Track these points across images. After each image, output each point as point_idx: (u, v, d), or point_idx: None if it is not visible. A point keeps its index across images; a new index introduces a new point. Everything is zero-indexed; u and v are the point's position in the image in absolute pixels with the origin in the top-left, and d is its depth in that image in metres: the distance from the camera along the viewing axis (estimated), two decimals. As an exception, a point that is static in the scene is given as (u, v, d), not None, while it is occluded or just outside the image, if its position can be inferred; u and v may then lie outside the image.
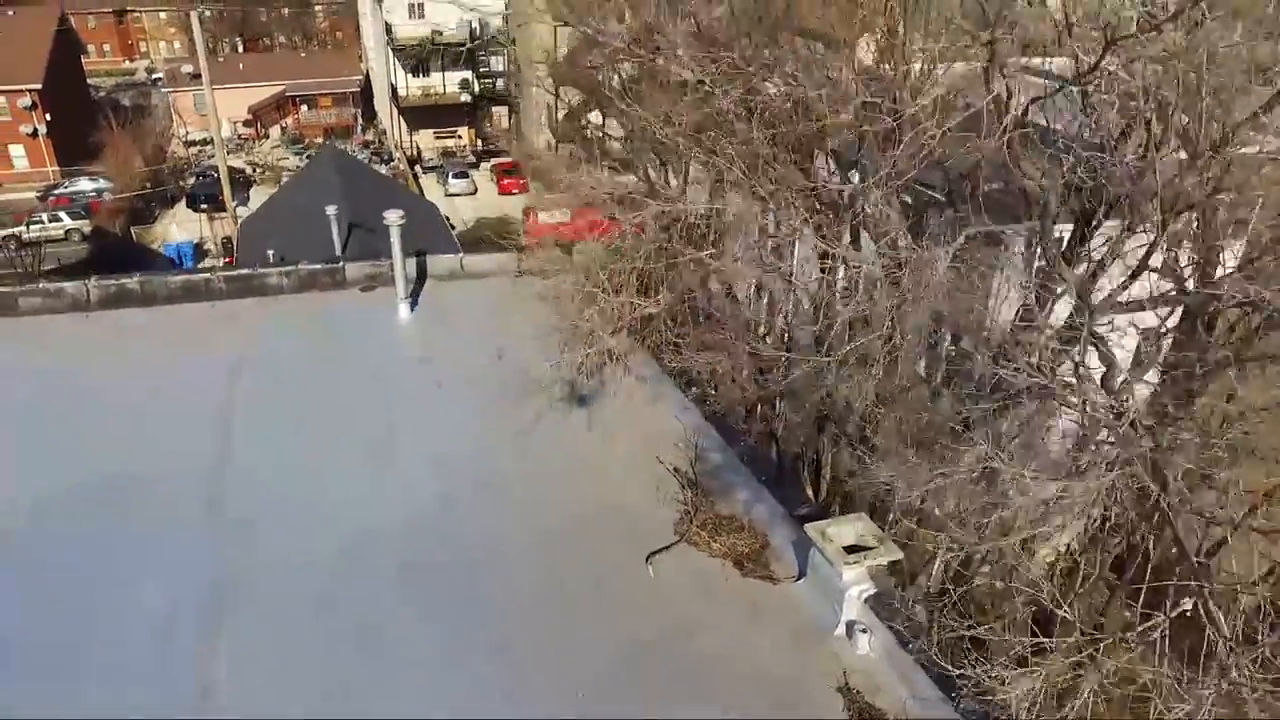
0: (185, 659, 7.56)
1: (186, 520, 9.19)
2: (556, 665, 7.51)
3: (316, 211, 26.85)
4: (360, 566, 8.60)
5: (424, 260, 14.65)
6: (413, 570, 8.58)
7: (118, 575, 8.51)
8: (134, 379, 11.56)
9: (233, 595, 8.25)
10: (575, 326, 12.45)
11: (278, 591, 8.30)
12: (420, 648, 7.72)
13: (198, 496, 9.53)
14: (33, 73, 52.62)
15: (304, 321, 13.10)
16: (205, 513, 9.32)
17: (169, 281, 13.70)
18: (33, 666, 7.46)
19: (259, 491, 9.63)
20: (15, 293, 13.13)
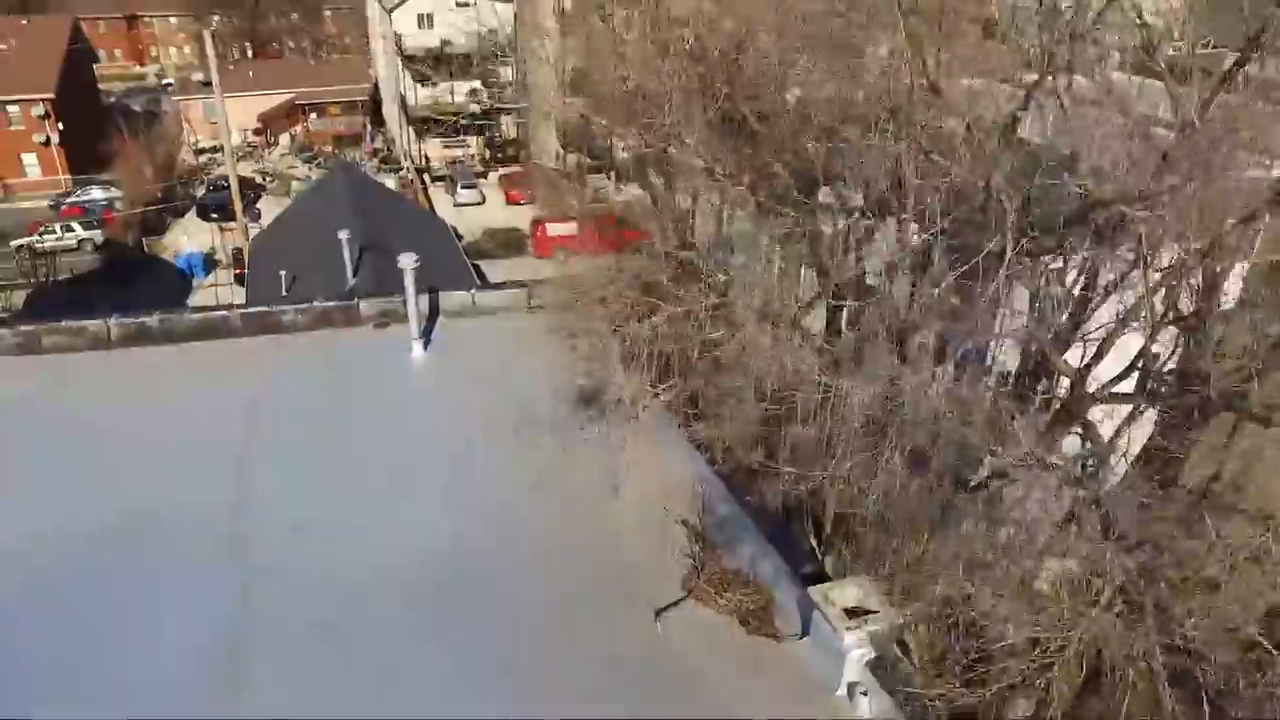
0: (204, 693, 7.88)
1: (206, 557, 9.53)
2: (564, 713, 7.78)
3: (327, 230, 27.18)
4: (374, 605, 8.95)
5: (436, 297, 14.91)
6: (425, 611, 8.91)
7: (138, 611, 8.85)
8: (154, 417, 11.86)
9: (250, 632, 8.58)
10: (588, 372, 12.79)
11: (295, 628, 8.63)
12: (431, 686, 8.03)
13: (217, 534, 9.86)
14: (46, 82, 53.08)
15: (319, 359, 13.40)
16: (224, 550, 9.65)
17: (187, 319, 14.02)
18: (53, 700, 7.77)
19: (276, 529, 9.95)
20: (39, 330, 13.43)
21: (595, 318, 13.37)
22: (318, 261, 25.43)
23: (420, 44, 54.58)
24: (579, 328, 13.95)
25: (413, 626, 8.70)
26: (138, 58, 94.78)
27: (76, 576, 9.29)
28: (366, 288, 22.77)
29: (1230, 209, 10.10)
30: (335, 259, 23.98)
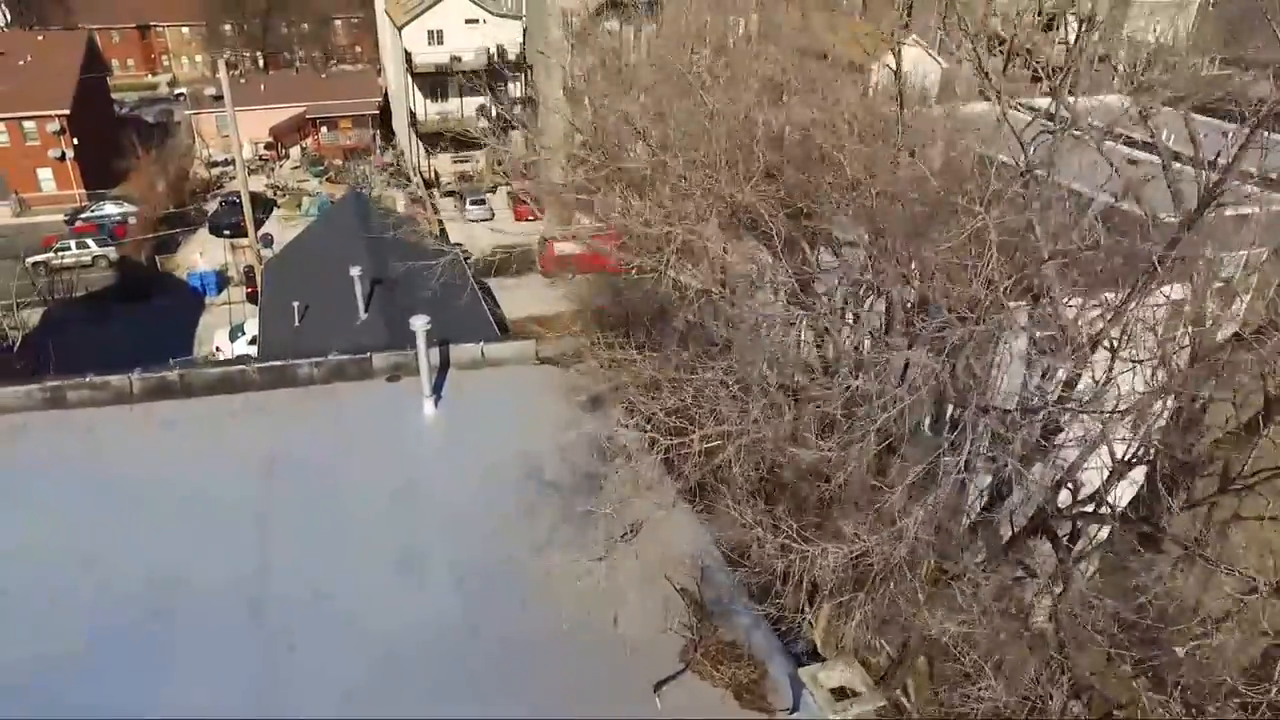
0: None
1: (230, 624, 10.03)
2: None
3: (339, 260, 27.78)
4: (390, 674, 9.43)
5: (447, 350, 15.40)
6: (436, 679, 9.39)
7: (165, 677, 9.35)
8: (176, 475, 12.37)
9: (276, 701, 9.08)
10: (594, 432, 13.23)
11: (320, 698, 9.13)
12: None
13: (240, 600, 10.35)
14: (61, 98, 53.81)
15: (334, 417, 13.88)
16: (248, 617, 10.13)
17: (206, 374, 14.52)
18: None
19: (297, 595, 10.43)
20: (65, 386, 13.95)
21: (601, 378, 13.85)
22: (330, 293, 25.99)
23: (430, 60, 55.11)
24: (585, 386, 14.45)
25: (426, 698, 9.18)
26: (150, 67, 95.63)
27: (103, 641, 9.79)
28: (377, 322, 23.37)
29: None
30: (347, 292, 24.59)
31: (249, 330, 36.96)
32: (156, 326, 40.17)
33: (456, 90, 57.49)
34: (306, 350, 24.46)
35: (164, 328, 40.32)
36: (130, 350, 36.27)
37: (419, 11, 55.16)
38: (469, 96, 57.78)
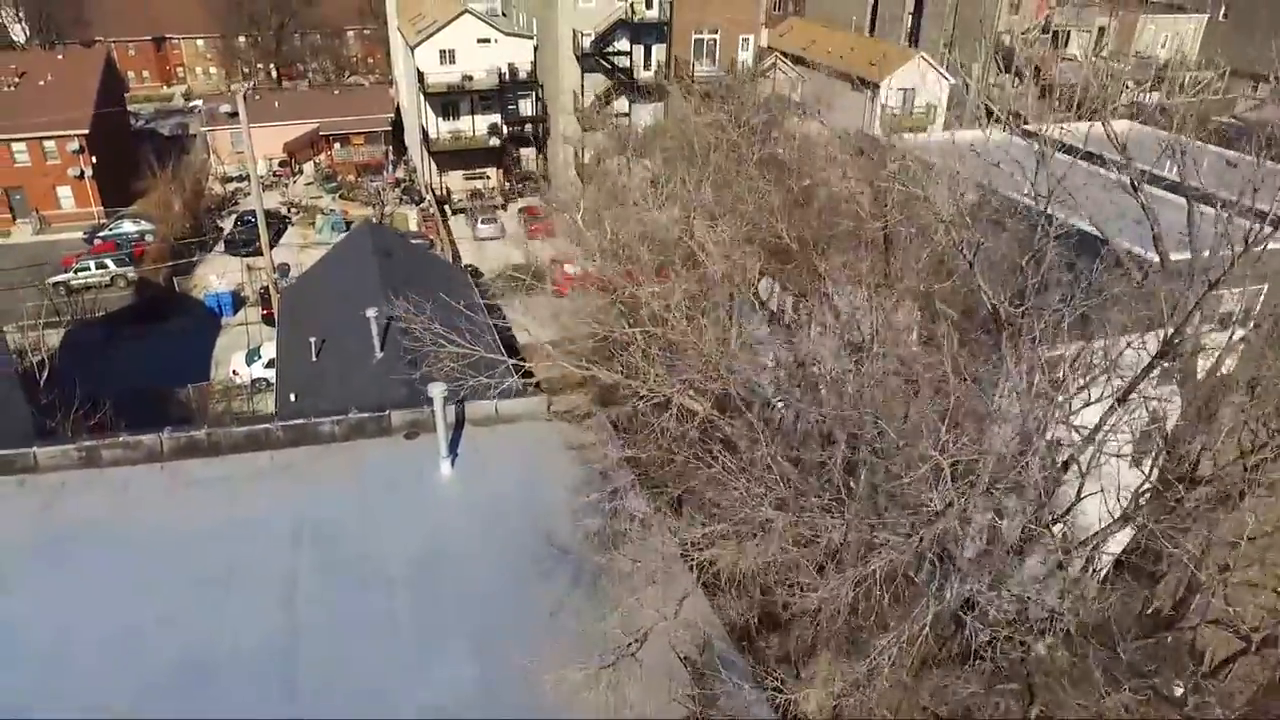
0: None
1: (260, 702, 10.63)
2: None
3: (355, 294, 28.44)
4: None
5: (463, 408, 16.02)
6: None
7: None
8: (208, 541, 13.00)
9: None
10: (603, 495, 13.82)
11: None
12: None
13: (269, 676, 10.95)
14: (81, 118, 54.73)
15: (356, 478, 14.49)
16: (278, 694, 10.74)
17: (233, 432, 15.16)
18: None
19: (322, 670, 11.04)
20: (99, 445, 14.63)
21: (611, 441, 14.45)
22: (345, 328, 26.63)
23: (442, 80, 55.81)
24: (595, 446, 15.06)
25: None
26: (165, 78, 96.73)
27: (136, 714, 10.39)
28: (392, 359, 24.00)
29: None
30: (363, 328, 25.22)
31: (265, 354, 37.72)
32: (174, 348, 40.96)
33: (469, 108, 58.20)
34: (323, 386, 25.21)
35: (181, 349, 41.11)
36: (149, 374, 37.13)
37: (431, 32, 55.87)
38: (481, 114, 58.55)
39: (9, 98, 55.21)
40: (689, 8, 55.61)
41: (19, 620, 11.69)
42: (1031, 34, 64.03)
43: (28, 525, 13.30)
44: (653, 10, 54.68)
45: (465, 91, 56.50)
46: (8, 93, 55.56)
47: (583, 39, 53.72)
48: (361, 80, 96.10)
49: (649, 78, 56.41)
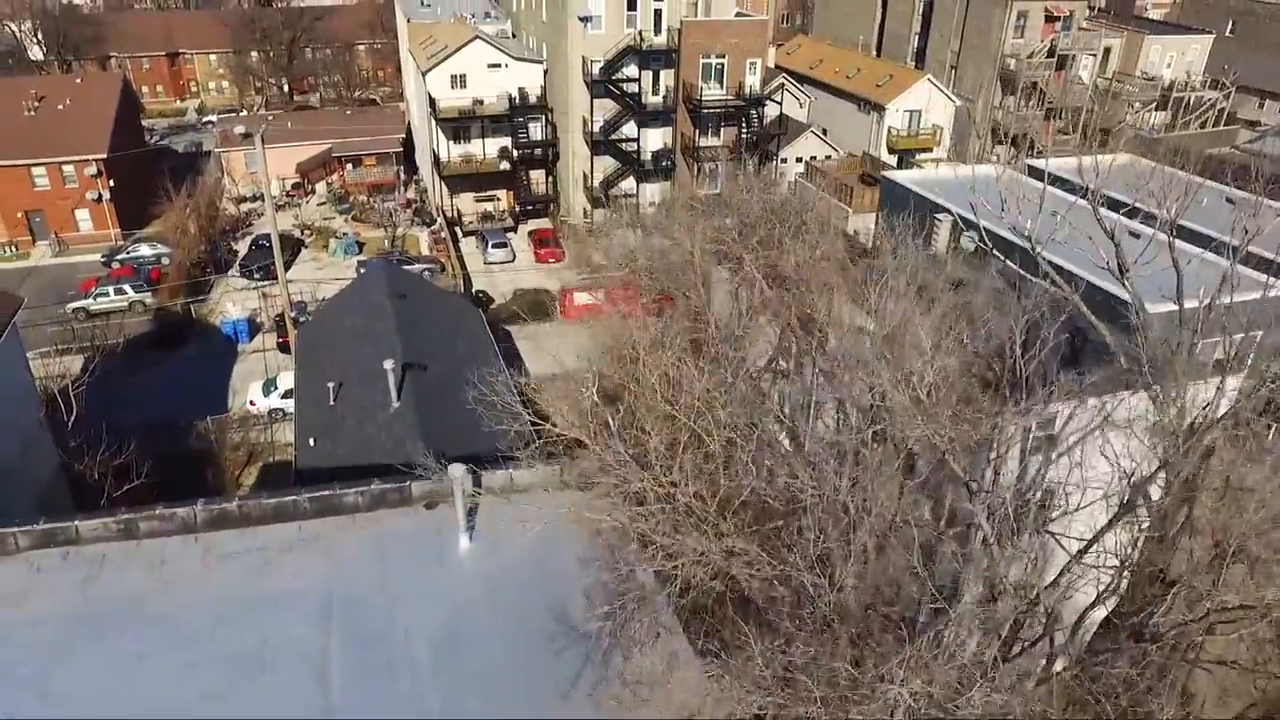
0: None
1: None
2: None
3: (370, 337, 29.25)
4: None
5: (479, 478, 16.79)
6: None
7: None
8: (241, 618, 13.82)
9: None
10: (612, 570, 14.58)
11: None
12: None
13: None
14: (99, 143, 55.72)
15: (380, 551, 15.29)
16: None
17: (263, 504, 15.97)
18: None
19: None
20: (137, 518, 15.46)
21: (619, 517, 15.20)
22: (363, 373, 27.44)
23: (453, 105, 56.63)
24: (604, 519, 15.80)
25: None
26: (178, 93, 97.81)
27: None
28: (409, 410, 24.79)
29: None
30: (379, 373, 26.02)
31: (282, 384, 38.57)
32: (192, 376, 41.81)
33: (479, 132, 58.99)
34: (341, 431, 25.98)
35: (199, 377, 41.96)
36: (169, 403, 38.00)
37: (443, 57, 56.69)
38: (491, 138, 59.34)
39: (29, 122, 56.25)
40: (698, 32, 56.29)
41: (68, 696, 12.51)
42: (1036, 58, 64.51)
43: (73, 599, 14.14)
44: (661, 37, 55.40)
45: (476, 117, 57.30)
46: (28, 117, 56.58)
47: (592, 66, 54.46)
48: (372, 95, 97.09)
49: (657, 103, 57.16)
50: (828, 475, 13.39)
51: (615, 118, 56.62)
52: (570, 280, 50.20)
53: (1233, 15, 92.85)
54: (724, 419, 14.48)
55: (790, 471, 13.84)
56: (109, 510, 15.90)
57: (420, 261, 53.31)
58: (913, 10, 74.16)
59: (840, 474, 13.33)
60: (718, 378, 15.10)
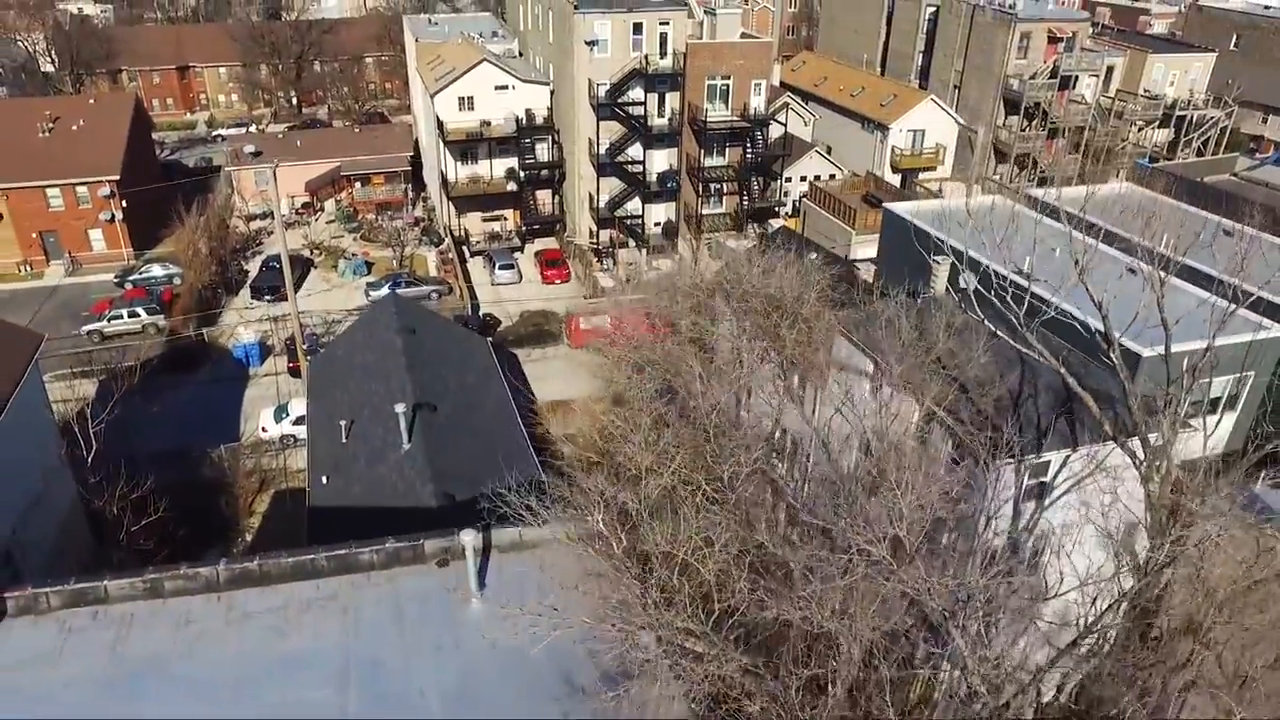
0: None
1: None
2: None
3: (380, 372, 29.89)
4: None
5: (489, 535, 17.41)
6: None
7: None
8: (264, 680, 14.43)
9: None
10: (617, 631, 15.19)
11: None
12: None
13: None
14: (111, 164, 56.57)
15: (395, 611, 15.89)
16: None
17: (282, 563, 16.60)
18: None
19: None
20: (162, 577, 16.11)
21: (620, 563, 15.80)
22: (374, 411, 28.11)
23: (461, 127, 57.35)
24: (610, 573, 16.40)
25: None
26: (188, 106, 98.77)
27: None
28: (419, 453, 25.44)
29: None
30: (391, 417, 26.68)
31: (293, 410, 39.31)
32: (204, 400, 42.57)
33: (487, 153, 59.73)
34: (353, 469, 26.65)
35: (211, 401, 42.73)
36: (183, 429, 38.74)
37: (451, 79, 57.41)
38: (499, 159, 60.08)
39: (44, 144, 57.12)
40: (703, 55, 56.97)
41: (100, 760, 13.16)
42: (1039, 78, 65.02)
43: (103, 659, 14.79)
44: (666, 60, 56.04)
45: (484, 139, 58.01)
46: (42, 139, 57.43)
47: (598, 89, 55.13)
48: (380, 107, 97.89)
49: (662, 125, 57.82)
50: (815, 607, 13.88)
51: (621, 140, 57.29)
52: (577, 304, 50.87)
53: (1237, 30, 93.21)
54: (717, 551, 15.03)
55: (779, 605, 14.35)
56: (136, 570, 16.53)
57: (428, 283, 54.06)
58: (916, 29, 74.75)
59: (826, 603, 13.80)
60: (711, 519, 15.59)
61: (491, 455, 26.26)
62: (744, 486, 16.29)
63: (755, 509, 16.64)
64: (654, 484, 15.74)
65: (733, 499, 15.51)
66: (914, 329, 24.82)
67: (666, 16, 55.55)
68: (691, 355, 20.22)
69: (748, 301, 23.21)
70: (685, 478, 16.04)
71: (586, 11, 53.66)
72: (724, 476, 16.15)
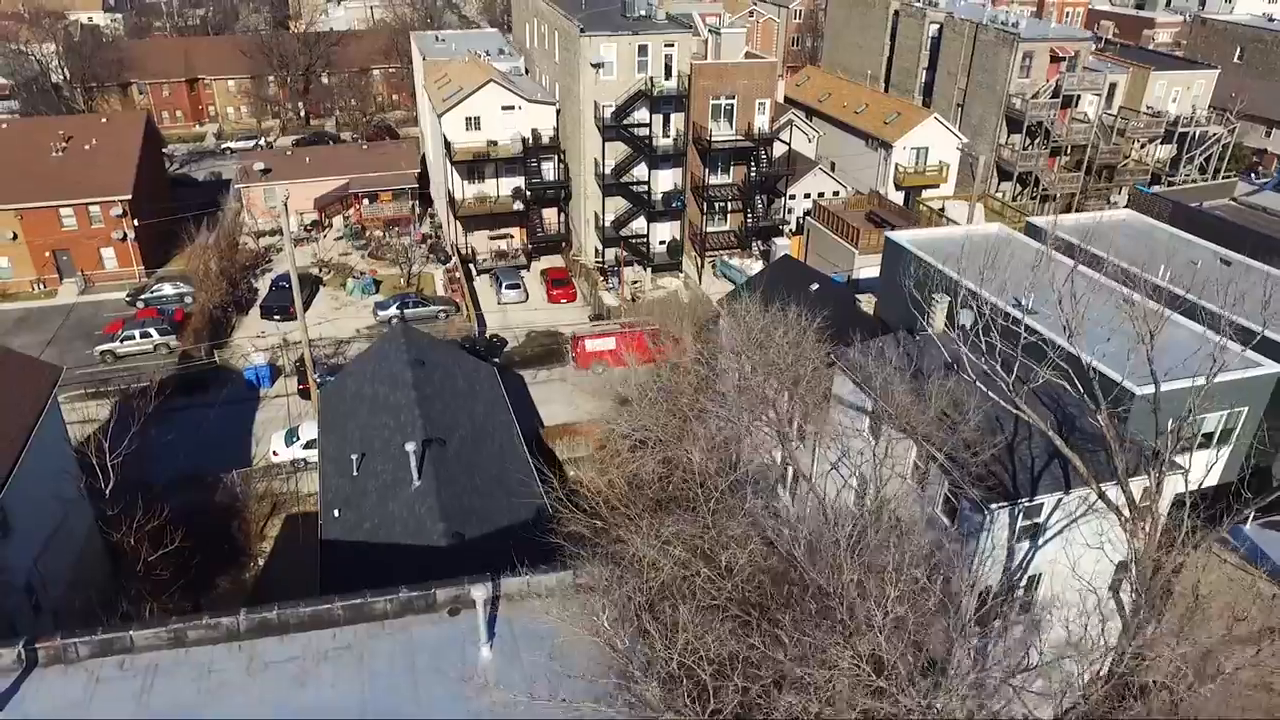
0: None
1: None
2: None
3: (390, 405, 30.52)
4: None
5: (499, 584, 18.04)
6: None
7: None
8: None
9: None
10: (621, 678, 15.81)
11: None
12: None
13: None
14: (124, 184, 57.36)
15: (409, 661, 16.53)
16: None
17: (300, 613, 17.25)
18: None
19: None
20: (185, 627, 16.77)
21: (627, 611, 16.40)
22: (384, 446, 28.74)
23: (468, 147, 58.01)
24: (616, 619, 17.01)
25: None
26: (197, 117, 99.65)
27: None
28: (429, 491, 26.05)
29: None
30: (401, 454, 27.29)
31: (304, 434, 39.99)
32: (216, 424, 43.22)
33: (494, 172, 60.40)
34: (364, 503, 27.27)
35: (223, 423, 43.38)
36: (195, 452, 39.40)
37: (458, 100, 58.07)
38: (505, 177, 60.73)
39: (57, 164, 57.94)
40: (708, 75, 57.51)
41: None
42: (1042, 97, 65.50)
43: (130, 709, 15.46)
44: (671, 82, 56.63)
45: (491, 159, 58.67)
46: (56, 159, 58.25)
47: (604, 110, 55.75)
48: (388, 119, 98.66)
49: (668, 145, 58.38)
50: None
51: (626, 160, 57.92)
52: (582, 327, 51.52)
53: (1241, 43, 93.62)
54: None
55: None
56: (160, 620, 17.20)
57: (435, 302, 54.74)
58: (920, 46, 75.24)
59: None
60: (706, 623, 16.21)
61: (500, 491, 26.92)
62: (740, 574, 16.83)
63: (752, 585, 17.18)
64: (655, 579, 16.34)
65: (728, 587, 16.10)
66: (910, 369, 25.42)
67: (672, 39, 56.16)
68: (690, 436, 20.80)
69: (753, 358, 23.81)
70: (684, 561, 16.62)
71: (593, 34, 54.29)
72: (722, 564, 16.76)
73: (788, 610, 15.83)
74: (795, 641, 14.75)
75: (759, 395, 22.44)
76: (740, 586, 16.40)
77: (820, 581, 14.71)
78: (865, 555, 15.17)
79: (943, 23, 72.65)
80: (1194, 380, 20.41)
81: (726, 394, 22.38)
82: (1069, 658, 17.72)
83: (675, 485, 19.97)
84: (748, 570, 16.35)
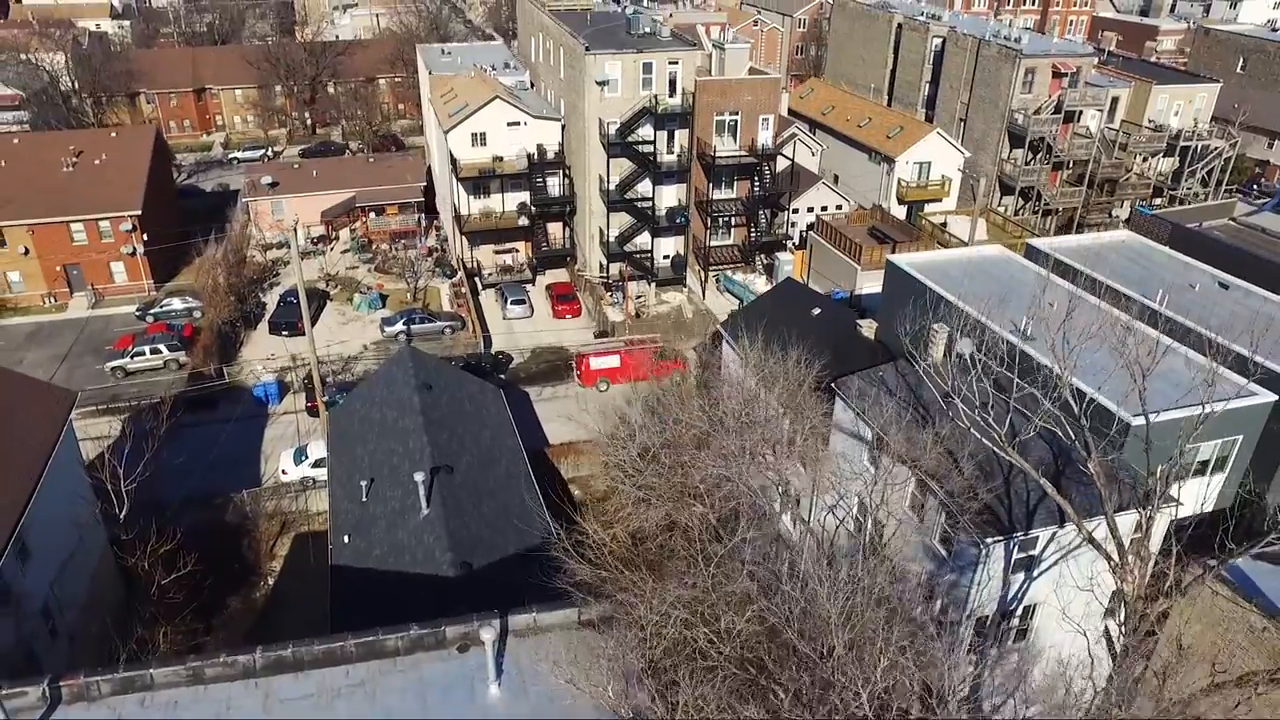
0: None
1: None
2: None
3: (398, 429, 31.02)
4: None
5: (506, 621, 18.55)
6: None
7: None
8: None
9: None
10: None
11: None
12: None
13: None
14: (133, 199, 57.97)
15: (420, 699, 17.05)
16: None
17: (314, 650, 17.76)
18: None
19: None
20: (203, 665, 17.30)
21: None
22: (393, 471, 29.25)
23: (474, 163, 58.57)
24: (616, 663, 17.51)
25: None
26: (204, 127, 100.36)
27: None
28: (437, 520, 26.55)
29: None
30: (409, 481, 27.78)
31: (312, 453, 40.54)
32: (225, 442, 43.72)
33: (499, 187, 60.96)
34: (373, 530, 27.76)
35: (232, 442, 43.85)
36: (205, 471, 39.94)
37: (464, 116, 58.62)
38: (510, 193, 61.30)
39: (68, 179, 58.59)
40: (712, 92, 57.99)
41: None
42: (1044, 112, 65.91)
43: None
44: (675, 99, 57.13)
45: (496, 175, 59.22)
46: (66, 174, 58.91)
47: (609, 127, 56.26)
48: (394, 128, 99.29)
49: (672, 161, 58.88)
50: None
51: (631, 176, 58.42)
52: (587, 345, 51.98)
53: (1244, 53, 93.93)
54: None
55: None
56: (179, 658, 17.72)
57: (442, 318, 55.27)
58: (923, 60, 75.69)
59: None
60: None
61: (507, 520, 27.41)
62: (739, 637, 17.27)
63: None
64: (659, 645, 16.83)
65: (727, 650, 16.59)
66: (909, 399, 25.89)
67: (676, 56, 56.68)
68: (690, 498, 21.26)
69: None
70: (685, 621, 17.10)
71: (598, 52, 54.81)
72: (721, 629, 17.24)
73: (784, 669, 16.31)
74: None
75: (757, 451, 22.99)
76: (739, 648, 16.89)
77: (808, 651, 15.15)
78: (858, 625, 15.66)
79: (946, 37, 73.08)
80: (1186, 410, 20.89)
81: (727, 456, 22.87)
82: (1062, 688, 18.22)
83: (677, 540, 20.48)
84: (745, 633, 16.82)
